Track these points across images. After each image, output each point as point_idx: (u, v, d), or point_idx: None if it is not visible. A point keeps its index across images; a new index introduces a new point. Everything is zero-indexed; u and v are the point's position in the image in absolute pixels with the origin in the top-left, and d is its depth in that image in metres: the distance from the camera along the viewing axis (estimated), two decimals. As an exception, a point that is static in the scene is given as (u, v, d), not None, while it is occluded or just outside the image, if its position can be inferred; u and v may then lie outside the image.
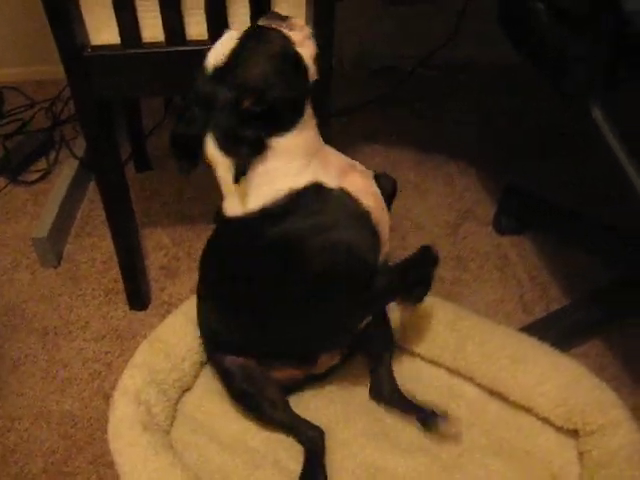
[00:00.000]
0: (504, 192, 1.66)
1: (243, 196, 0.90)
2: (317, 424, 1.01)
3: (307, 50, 0.89)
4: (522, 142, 1.86)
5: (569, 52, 1.08)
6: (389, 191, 1.01)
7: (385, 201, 0.99)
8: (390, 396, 1.05)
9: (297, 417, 1.02)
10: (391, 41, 2.11)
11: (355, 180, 0.94)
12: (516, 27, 1.20)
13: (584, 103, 1.07)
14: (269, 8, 1.09)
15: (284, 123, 0.88)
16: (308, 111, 0.90)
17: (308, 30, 0.91)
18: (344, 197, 0.91)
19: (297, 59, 0.88)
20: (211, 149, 0.88)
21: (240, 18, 1.11)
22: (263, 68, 0.86)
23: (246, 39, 0.88)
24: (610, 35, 1.02)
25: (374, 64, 2.13)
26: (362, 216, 0.91)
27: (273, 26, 0.89)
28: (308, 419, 1.02)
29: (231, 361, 1.00)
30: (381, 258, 0.95)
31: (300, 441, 1.00)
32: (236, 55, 0.87)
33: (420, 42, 2.03)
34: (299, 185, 0.89)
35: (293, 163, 0.89)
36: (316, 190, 0.90)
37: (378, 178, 1.00)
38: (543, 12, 1.10)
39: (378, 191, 0.97)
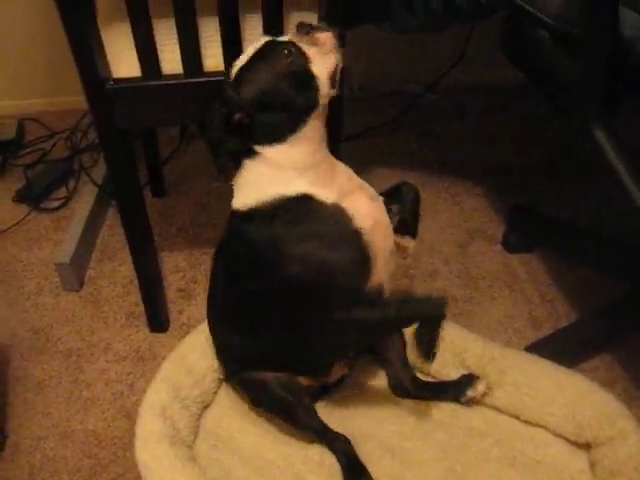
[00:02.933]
0: (512, 210, 1.69)
1: (238, 194, 0.96)
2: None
3: (322, 66, 0.90)
4: (528, 163, 1.89)
5: (570, 76, 1.12)
6: (412, 197, 1.03)
7: (409, 209, 1.01)
8: (412, 386, 1.07)
9: (325, 425, 1.05)
10: (399, 65, 2.15)
11: (357, 201, 0.93)
12: (519, 53, 1.24)
13: (586, 124, 1.11)
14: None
15: (274, 136, 0.91)
16: (310, 125, 0.91)
17: (332, 44, 0.91)
18: (336, 213, 0.91)
19: (302, 77, 0.90)
20: None
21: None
22: (259, 86, 0.89)
23: (256, 55, 0.92)
24: (610, 60, 1.06)
25: (382, 88, 2.18)
26: (350, 236, 0.91)
27: (295, 40, 0.91)
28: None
29: (263, 374, 1.02)
30: (374, 286, 0.93)
31: (331, 448, 1.04)
32: (243, 70, 0.91)
33: (427, 66, 2.09)
34: (288, 193, 0.91)
35: (282, 172, 0.92)
36: (305, 201, 0.91)
37: (400, 187, 1.02)
38: (546, 39, 1.14)
39: (384, 218, 0.97)
